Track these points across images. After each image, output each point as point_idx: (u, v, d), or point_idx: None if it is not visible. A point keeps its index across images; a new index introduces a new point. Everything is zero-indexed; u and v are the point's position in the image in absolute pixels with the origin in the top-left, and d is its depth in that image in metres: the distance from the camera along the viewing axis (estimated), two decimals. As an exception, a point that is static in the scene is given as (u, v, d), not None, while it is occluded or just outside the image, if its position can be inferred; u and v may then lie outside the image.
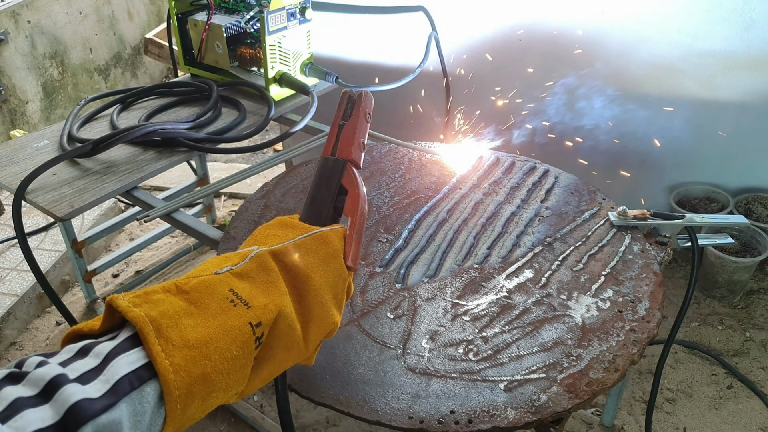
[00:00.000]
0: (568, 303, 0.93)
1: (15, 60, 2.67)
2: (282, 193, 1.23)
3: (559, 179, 1.24)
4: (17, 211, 1.09)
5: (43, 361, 0.43)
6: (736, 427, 1.46)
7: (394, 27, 1.82)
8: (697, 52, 1.57)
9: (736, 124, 1.66)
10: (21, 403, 0.39)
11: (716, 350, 1.66)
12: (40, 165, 1.17)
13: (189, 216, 1.20)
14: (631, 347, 0.84)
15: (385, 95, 1.52)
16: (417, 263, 1.03)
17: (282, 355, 0.57)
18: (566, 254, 1.03)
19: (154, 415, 0.45)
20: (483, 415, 0.75)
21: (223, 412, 1.55)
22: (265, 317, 0.54)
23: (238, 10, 1.55)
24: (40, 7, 2.77)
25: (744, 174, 1.79)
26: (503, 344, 0.86)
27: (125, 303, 0.48)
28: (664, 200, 1.87)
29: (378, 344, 0.87)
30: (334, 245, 0.64)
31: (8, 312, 1.81)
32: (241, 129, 1.40)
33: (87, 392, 0.41)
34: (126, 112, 1.49)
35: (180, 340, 0.47)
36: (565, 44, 1.66)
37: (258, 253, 0.58)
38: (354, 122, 0.73)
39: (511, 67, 1.73)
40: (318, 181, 0.71)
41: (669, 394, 1.55)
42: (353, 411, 0.77)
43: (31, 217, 2.17)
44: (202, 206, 2.19)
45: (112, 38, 3.27)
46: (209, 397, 0.49)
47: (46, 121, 2.88)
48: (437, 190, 1.23)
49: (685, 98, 1.65)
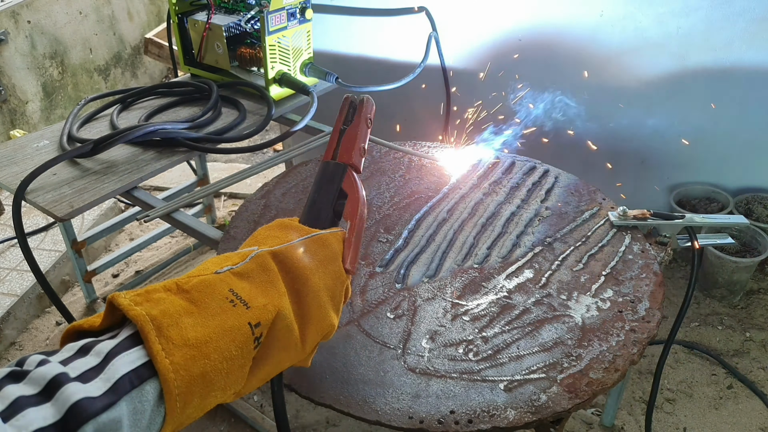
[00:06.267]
0: (568, 303, 0.93)
1: (15, 60, 2.68)
2: (282, 193, 1.23)
3: (559, 179, 1.25)
4: (17, 211, 1.09)
5: (44, 359, 0.43)
6: (736, 427, 1.46)
7: (396, 25, 1.82)
8: (697, 54, 1.57)
9: (736, 124, 1.66)
10: (22, 402, 0.39)
11: (716, 350, 1.66)
12: (40, 165, 1.17)
13: (189, 216, 1.20)
14: (631, 347, 0.84)
15: (386, 94, 1.52)
16: (417, 263, 1.03)
17: (279, 356, 0.57)
18: (566, 254, 1.03)
19: (154, 414, 0.45)
20: (483, 415, 0.75)
21: (223, 412, 1.55)
22: (264, 317, 0.54)
23: (238, 10, 1.55)
24: (40, 7, 2.77)
25: (744, 174, 1.79)
26: (503, 344, 0.86)
27: (126, 301, 0.48)
28: (664, 200, 1.87)
29: (378, 344, 0.87)
30: (334, 248, 0.65)
31: (8, 312, 1.81)
32: (241, 129, 1.40)
33: (88, 391, 0.41)
34: (126, 112, 1.49)
35: (180, 339, 0.47)
36: (565, 45, 1.67)
37: (258, 253, 0.58)
38: (355, 127, 0.73)
39: (511, 67, 1.73)
40: (318, 185, 0.71)
41: (669, 394, 1.55)
42: (353, 411, 0.77)
43: (31, 217, 2.17)
44: (202, 206, 2.19)
45: (112, 38, 3.28)
46: (208, 396, 0.50)
47: (46, 121, 2.88)
48: (437, 190, 1.23)
49: (686, 98, 1.65)
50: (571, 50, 1.67)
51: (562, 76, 1.70)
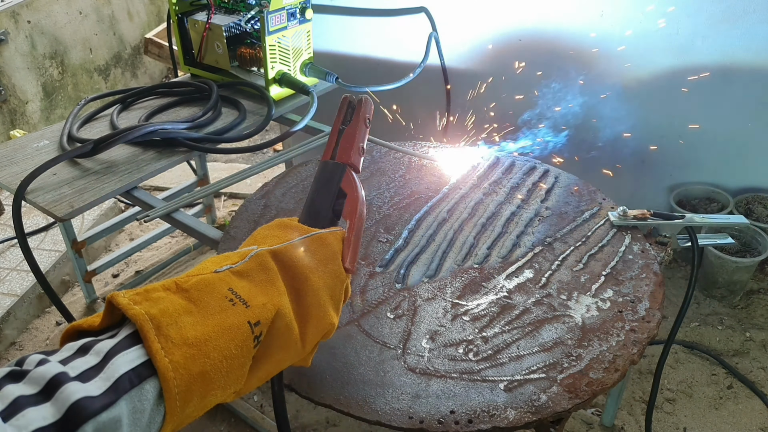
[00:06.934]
0: (568, 303, 0.93)
1: (15, 60, 2.68)
2: (282, 193, 1.23)
3: (559, 179, 1.25)
4: (17, 211, 1.09)
5: (43, 359, 0.43)
6: (736, 427, 1.46)
7: (396, 25, 1.82)
8: (697, 54, 1.57)
9: (736, 124, 1.66)
10: (22, 402, 0.39)
11: (716, 350, 1.66)
12: (40, 165, 1.17)
13: (189, 216, 1.20)
14: (631, 347, 0.84)
15: (386, 93, 1.52)
16: (417, 263, 1.03)
17: (279, 355, 0.57)
18: (566, 254, 1.03)
19: (154, 413, 0.45)
20: (483, 415, 0.75)
21: (223, 412, 1.54)
22: (264, 316, 0.54)
23: (238, 10, 1.55)
24: (40, 7, 2.77)
25: (744, 174, 1.79)
26: (503, 344, 0.86)
27: (125, 300, 0.48)
28: (664, 200, 1.87)
29: (378, 344, 0.87)
30: (333, 247, 0.65)
31: (8, 312, 1.81)
32: (241, 129, 1.40)
33: (87, 390, 0.41)
34: (126, 112, 1.49)
35: (179, 338, 0.47)
36: (565, 45, 1.66)
37: (258, 252, 0.59)
38: (354, 127, 0.73)
39: (511, 67, 1.73)
40: (317, 184, 0.72)
41: (669, 394, 1.55)
42: (353, 411, 0.77)
43: (31, 217, 2.17)
44: (202, 206, 2.19)
45: (112, 38, 3.28)
46: (208, 395, 0.50)
47: (46, 121, 2.88)
48: (437, 190, 1.23)
49: (686, 98, 1.65)
50: (571, 50, 1.67)
51: (562, 76, 1.70)
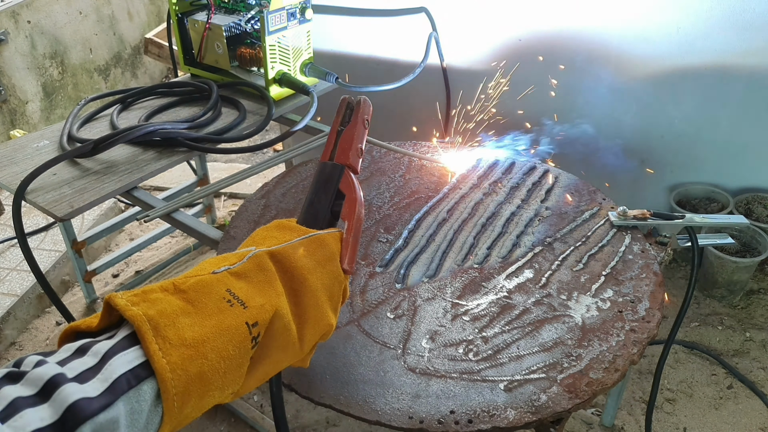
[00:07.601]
0: (568, 303, 0.93)
1: (15, 60, 2.68)
2: (282, 193, 1.23)
3: (559, 179, 1.24)
4: (17, 211, 1.09)
5: (41, 360, 0.43)
6: (736, 427, 1.46)
7: (396, 25, 1.82)
8: (697, 54, 1.57)
9: (736, 124, 1.66)
10: (20, 403, 0.39)
11: (716, 350, 1.65)
12: (40, 165, 1.17)
13: (189, 216, 1.20)
14: (631, 347, 0.84)
15: (386, 93, 1.52)
16: (417, 263, 1.03)
17: (277, 356, 0.57)
18: (566, 254, 1.03)
19: (151, 414, 0.45)
20: (483, 415, 0.75)
21: (223, 412, 1.54)
22: (262, 317, 0.54)
23: (238, 10, 1.55)
24: (40, 7, 2.77)
25: (744, 174, 1.79)
26: (503, 344, 0.86)
27: (123, 301, 0.48)
28: (664, 200, 1.87)
29: (378, 344, 0.86)
30: (331, 248, 0.65)
31: (8, 312, 1.81)
32: (241, 129, 1.40)
33: (85, 391, 0.41)
34: (126, 112, 1.48)
35: (177, 338, 0.47)
36: (565, 45, 1.66)
37: (256, 253, 0.58)
38: (352, 128, 0.73)
39: (511, 67, 1.72)
40: (316, 185, 0.71)
41: (669, 394, 1.55)
42: (353, 411, 0.77)
43: (31, 217, 2.17)
44: (202, 206, 2.19)
45: (112, 38, 3.28)
46: (206, 396, 0.49)
47: (46, 121, 2.89)
48: (437, 190, 1.23)
49: (686, 98, 1.65)
50: (571, 50, 1.66)
51: (562, 76, 1.70)
